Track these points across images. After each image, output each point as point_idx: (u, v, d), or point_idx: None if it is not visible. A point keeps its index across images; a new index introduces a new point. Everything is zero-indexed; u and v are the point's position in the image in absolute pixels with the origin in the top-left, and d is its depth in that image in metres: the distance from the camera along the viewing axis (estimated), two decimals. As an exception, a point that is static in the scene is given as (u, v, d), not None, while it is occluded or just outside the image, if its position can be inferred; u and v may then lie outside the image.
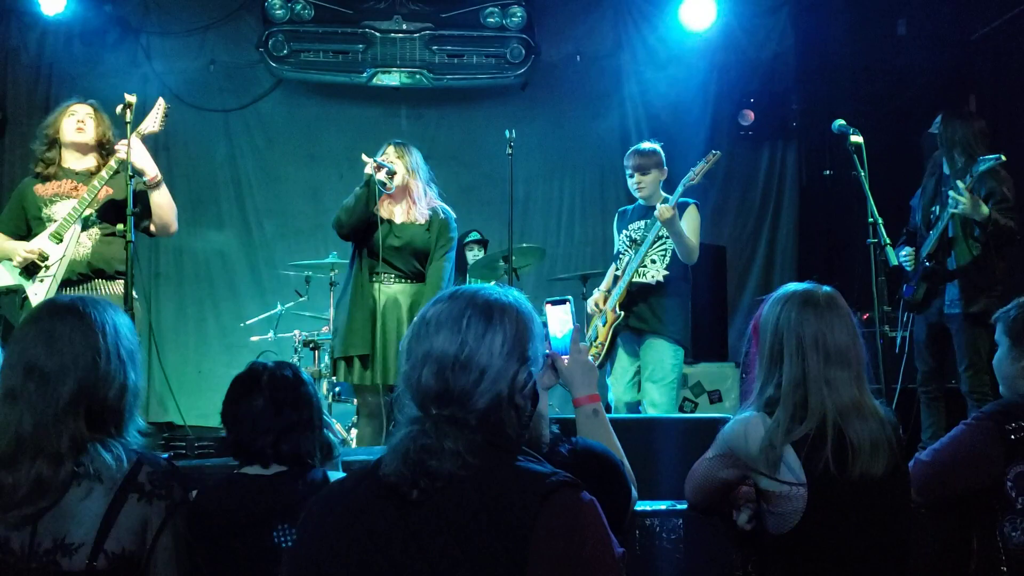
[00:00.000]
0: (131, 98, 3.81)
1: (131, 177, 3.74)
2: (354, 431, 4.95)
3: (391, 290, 4.10)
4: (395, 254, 4.08)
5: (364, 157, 4.07)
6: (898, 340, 4.14)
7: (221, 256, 7.10)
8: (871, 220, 3.80)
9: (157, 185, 3.87)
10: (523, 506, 1.32)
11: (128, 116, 3.81)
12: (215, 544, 1.99)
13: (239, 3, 6.91)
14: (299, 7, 6.60)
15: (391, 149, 4.18)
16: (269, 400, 2.10)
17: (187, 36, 6.89)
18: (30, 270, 3.81)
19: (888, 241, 3.85)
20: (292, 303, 6.18)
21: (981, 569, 2.29)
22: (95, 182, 3.81)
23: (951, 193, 4.03)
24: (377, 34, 6.69)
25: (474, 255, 6.43)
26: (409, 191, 4.14)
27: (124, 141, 3.78)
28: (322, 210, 6.72)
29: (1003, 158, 3.96)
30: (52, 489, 1.71)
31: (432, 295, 1.64)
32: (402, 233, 4.10)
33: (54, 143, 3.94)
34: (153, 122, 3.97)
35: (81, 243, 3.83)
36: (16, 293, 3.84)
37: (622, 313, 4.41)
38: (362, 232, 4.10)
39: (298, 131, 7.19)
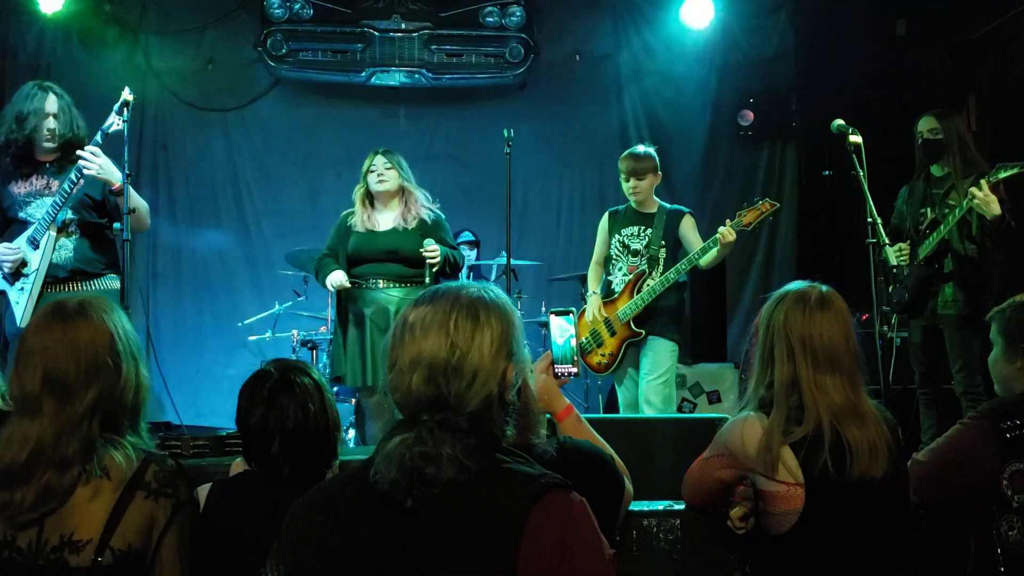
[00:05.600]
0: (128, 95, 3.77)
1: (129, 176, 3.72)
2: (351, 431, 4.95)
3: (379, 297, 4.20)
4: (383, 261, 4.21)
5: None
6: (895, 342, 4.14)
7: (219, 256, 7.09)
8: (870, 220, 3.80)
9: (120, 192, 3.71)
10: (513, 509, 1.30)
11: (126, 113, 3.78)
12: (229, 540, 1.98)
13: (237, 2, 6.88)
14: (298, 6, 6.58)
15: (379, 160, 4.30)
16: (274, 408, 2.04)
17: (185, 35, 6.87)
18: (13, 275, 3.78)
19: (887, 241, 3.85)
20: (290, 303, 6.18)
21: (979, 569, 2.28)
22: (66, 185, 3.69)
23: (972, 189, 3.97)
24: (376, 33, 6.68)
25: (467, 256, 6.40)
26: (404, 198, 4.29)
27: (84, 151, 3.66)
28: (320, 210, 6.70)
29: None
30: (59, 494, 1.71)
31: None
32: (388, 240, 4.22)
33: (29, 142, 3.80)
34: (117, 119, 3.75)
35: (61, 245, 3.78)
36: (1, 295, 3.85)
37: (642, 331, 4.41)
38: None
39: (296, 131, 7.17)
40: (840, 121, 3.86)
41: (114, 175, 3.72)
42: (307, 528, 1.41)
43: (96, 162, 3.65)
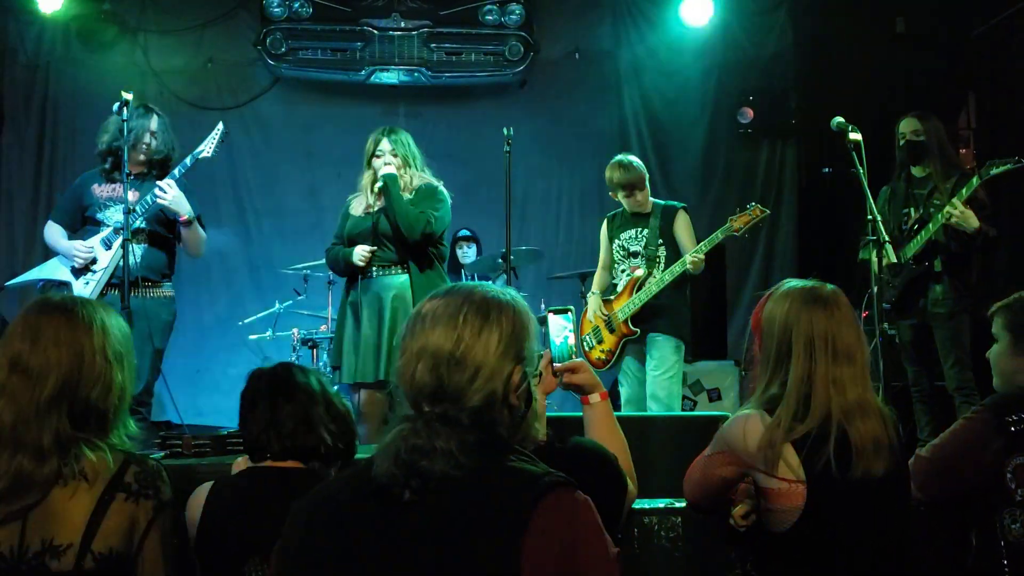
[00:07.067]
0: (128, 95, 3.85)
1: (127, 175, 3.78)
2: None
3: (379, 283, 4.06)
4: (384, 242, 4.07)
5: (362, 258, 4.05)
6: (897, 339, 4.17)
7: (219, 255, 7.06)
8: (870, 217, 3.81)
9: (188, 223, 4.07)
10: (517, 507, 1.30)
11: (124, 113, 3.85)
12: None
13: (236, 1, 6.89)
14: (297, 5, 6.58)
15: (385, 144, 4.12)
16: (267, 400, 2.08)
17: (184, 34, 6.87)
18: (80, 271, 4.03)
19: (887, 238, 3.87)
20: (290, 301, 6.18)
21: (981, 564, 2.28)
22: (148, 197, 3.96)
23: (947, 209, 4.11)
24: (375, 32, 6.68)
25: (463, 252, 6.39)
26: (403, 182, 4.11)
27: (163, 183, 3.97)
28: (320, 208, 6.71)
29: (1022, 161, 3.99)
30: (35, 485, 1.71)
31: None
32: (374, 219, 4.09)
33: (120, 151, 4.02)
34: (208, 147, 4.14)
35: (130, 251, 3.90)
36: (65, 286, 4.03)
37: (637, 330, 4.48)
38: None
39: (296, 129, 7.17)
40: (840, 119, 3.87)
41: (183, 208, 4.03)
42: (310, 525, 1.41)
43: (169, 194, 3.99)
